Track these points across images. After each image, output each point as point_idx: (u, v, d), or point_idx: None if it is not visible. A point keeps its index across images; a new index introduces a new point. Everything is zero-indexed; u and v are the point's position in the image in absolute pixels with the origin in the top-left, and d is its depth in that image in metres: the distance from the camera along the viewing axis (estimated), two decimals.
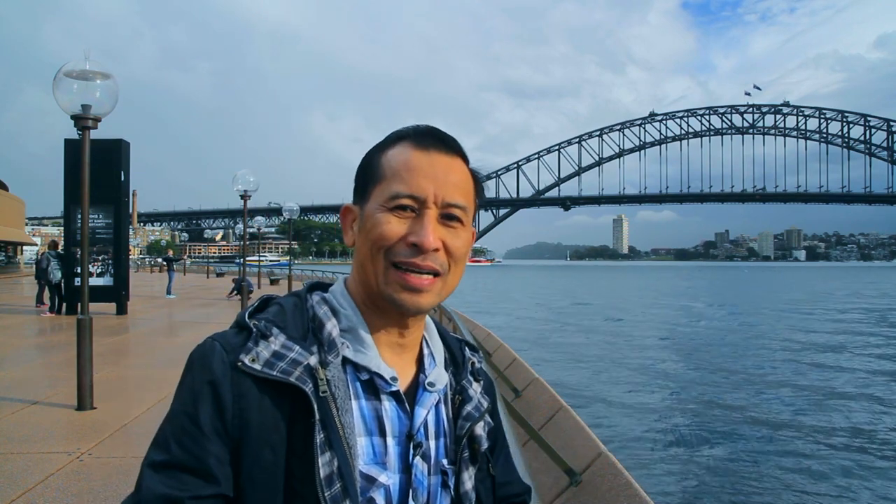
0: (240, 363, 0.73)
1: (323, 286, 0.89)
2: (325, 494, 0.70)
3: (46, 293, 14.35)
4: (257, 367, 0.73)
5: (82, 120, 5.69)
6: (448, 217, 0.80)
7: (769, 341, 20.14)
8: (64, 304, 13.74)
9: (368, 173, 0.84)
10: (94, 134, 5.92)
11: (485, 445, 0.87)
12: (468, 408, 0.87)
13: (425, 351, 0.88)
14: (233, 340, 0.76)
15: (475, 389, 0.90)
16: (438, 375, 0.86)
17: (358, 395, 0.78)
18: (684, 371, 14.84)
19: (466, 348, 0.95)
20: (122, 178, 13.62)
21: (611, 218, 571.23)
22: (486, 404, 0.90)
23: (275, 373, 0.73)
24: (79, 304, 5.97)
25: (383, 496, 0.76)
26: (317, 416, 0.72)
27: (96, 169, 7.97)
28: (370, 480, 0.75)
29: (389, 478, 0.76)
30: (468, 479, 0.84)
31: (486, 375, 0.95)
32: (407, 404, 0.81)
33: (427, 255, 0.78)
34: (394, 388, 0.80)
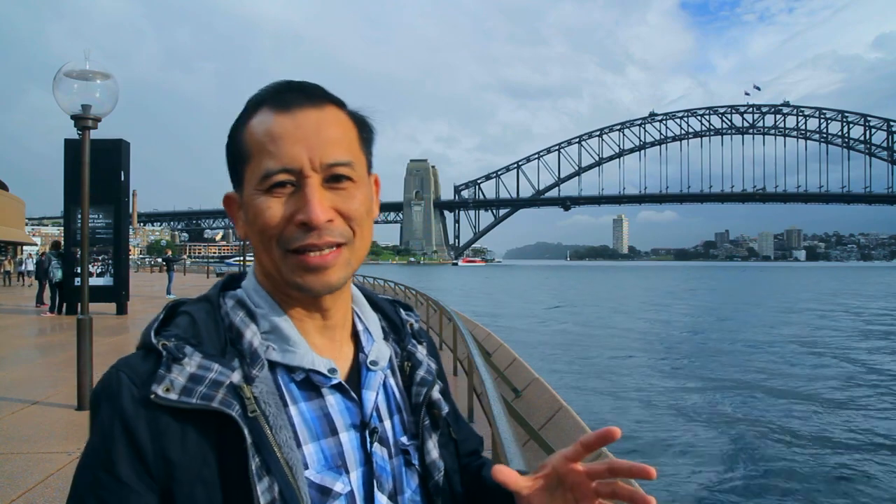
0: (153, 396, 0.63)
1: (236, 281, 0.80)
2: None
3: (47, 293, 14.37)
4: (173, 396, 0.63)
5: (82, 120, 5.69)
6: (334, 178, 0.71)
7: (772, 342, 20.14)
8: (64, 304, 13.75)
9: (235, 153, 0.74)
10: (94, 134, 5.93)
11: (445, 409, 0.82)
12: (420, 373, 0.81)
13: (359, 327, 0.81)
14: (141, 369, 0.66)
15: (421, 352, 0.84)
16: (379, 351, 0.79)
17: (295, 398, 0.70)
18: (685, 371, 14.84)
19: (401, 310, 0.88)
20: (122, 178, 13.62)
21: (611, 218, 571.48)
22: (434, 366, 0.84)
23: (194, 400, 0.63)
24: (79, 304, 5.98)
25: (345, 502, 0.69)
26: (248, 440, 0.63)
27: (96, 169, 7.98)
28: (325, 492, 0.68)
29: (346, 485, 0.70)
30: (433, 448, 0.78)
31: (427, 336, 0.89)
32: (352, 392, 0.74)
33: (321, 231, 0.69)
34: (334, 381, 0.72)
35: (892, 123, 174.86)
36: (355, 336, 0.80)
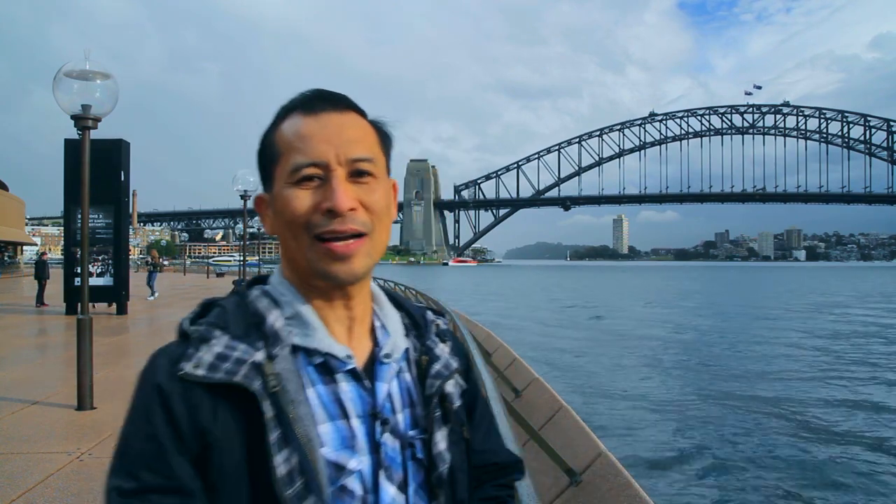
0: (181, 372, 0.70)
1: (264, 279, 0.86)
2: (287, 493, 0.67)
3: (47, 292, 14.35)
4: (200, 372, 0.70)
5: (82, 120, 5.69)
6: (357, 173, 0.78)
7: (772, 342, 20.14)
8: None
9: (266, 156, 0.81)
10: (94, 134, 5.93)
11: (457, 403, 0.85)
12: (436, 366, 0.84)
13: (377, 324, 0.85)
14: (175, 351, 0.73)
15: (442, 349, 0.87)
16: (394, 345, 0.83)
17: (313, 381, 0.75)
18: (685, 371, 14.84)
19: (429, 312, 0.92)
20: (122, 178, 13.63)
21: (611, 218, 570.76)
22: (455, 364, 0.87)
23: (219, 375, 0.70)
24: (79, 304, 5.97)
25: (358, 481, 0.74)
26: (267, 414, 0.69)
27: (96, 169, 7.98)
28: (339, 468, 0.72)
29: (360, 462, 0.74)
30: (441, 440, 0.81)
31: (455, 338, 0.93)
32: (367, 381, 0.78)
33: (345, 218, 0.75)
34: (350, 366, 0.77)
35: (892, 123, 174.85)
36: (373, 333, 0.85)
